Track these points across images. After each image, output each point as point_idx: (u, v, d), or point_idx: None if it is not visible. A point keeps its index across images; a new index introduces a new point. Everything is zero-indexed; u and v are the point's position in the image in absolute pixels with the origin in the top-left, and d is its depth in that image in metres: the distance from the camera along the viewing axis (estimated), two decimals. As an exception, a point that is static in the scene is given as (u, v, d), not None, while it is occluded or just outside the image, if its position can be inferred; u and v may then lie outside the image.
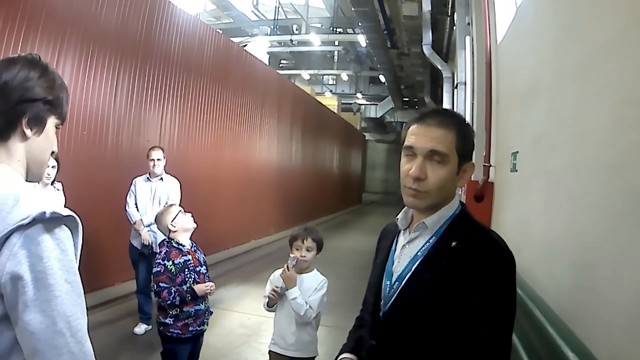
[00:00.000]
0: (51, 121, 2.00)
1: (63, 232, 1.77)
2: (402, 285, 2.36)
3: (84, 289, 1.85)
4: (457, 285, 2.15)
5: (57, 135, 2.12)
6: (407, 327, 2.31)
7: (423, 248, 2.36)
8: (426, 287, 2.26)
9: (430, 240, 2.35)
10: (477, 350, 2.11)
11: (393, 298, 2.39)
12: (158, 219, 5.36)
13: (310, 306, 4.61)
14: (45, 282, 1.67)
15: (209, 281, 5.26)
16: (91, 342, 1.79)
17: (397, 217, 2.54)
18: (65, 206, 5.75)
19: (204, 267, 5.33)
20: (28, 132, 1.91)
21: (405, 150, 2.37)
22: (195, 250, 5.32)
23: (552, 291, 3.89)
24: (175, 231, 5.20)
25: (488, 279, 2.12)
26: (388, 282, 2.45)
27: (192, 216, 5.37)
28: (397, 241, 2.56)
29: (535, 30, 5.52)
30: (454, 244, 2.26)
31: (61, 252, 1.74)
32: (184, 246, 5.18)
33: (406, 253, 2.44)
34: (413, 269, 2.35)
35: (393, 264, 2.48)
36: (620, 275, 2.75)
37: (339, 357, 2.71)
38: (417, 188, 2.29)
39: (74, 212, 1.85)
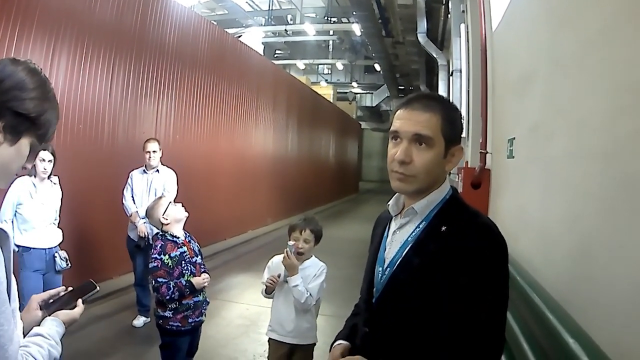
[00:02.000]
0: (27, 139, 1.96)
1: None
2: (392, 271, 2.38)
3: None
4: (447, 269, 2.15)
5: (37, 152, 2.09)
6: (398, 312, 2.33)
7: (413, 233, 2.37)
8: (416, 271, 2.27)
9: (420, 226, 2.36)
10: (472, 334, 2.10)
11: (384, 284, 2.41)
12: (149, 214, 5.34)
13: (310, 293, 4.64)
14: None
15: (204, 271, 5.27)
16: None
17: (388, 203, 2.55)
18: (62, 199, 5.79)
19: (200, 256, 5.33)
20: (0, 137, 1.87)
21: (391, 134, 2.37)
22: (189, 241, 5.31)
23: (551, 277, 3.89)
24: (168, 224, 5.17)
25: (481, 263, 2.12)
26: (380, 269, 2.46)
27: (182, 205, 5.35)
28: (389, 227, 2.56)
29: (530, 17, 5.51)
30: (443, 228, 2.26)
31: None
32: (178, 238, 5.17)
33: (397, 239, 2.45)
34: (403, 254, 2.35)
35: (385, 250, 2.49)
36: (616, 261, 2.75)
37: (334, 344, 2.73)
38: (403, 172, 2.30)
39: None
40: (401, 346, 2.30)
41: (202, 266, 5.28)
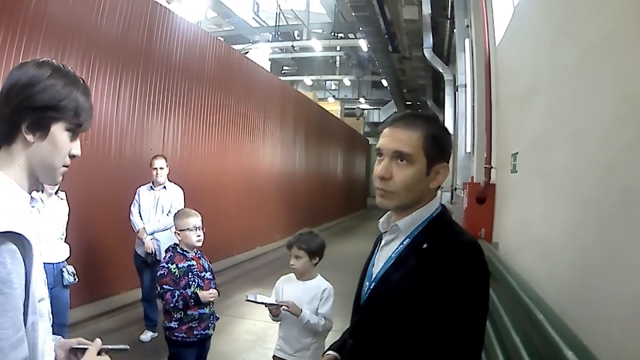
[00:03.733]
0: (59, 127, 1.96)
1: (4, 245, 1.71)
2: (373, 286, 2.44)
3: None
4: (424, 285, 2.17)
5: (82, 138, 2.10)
6: (377, 326, 2.37)
7: (397, 250, 2.40)
8: (394, 287, 2.31)
9: (404, 242, 2.39)
10: (446, 351, 2.13)
11: (365, 298, 2.47)
12: (177, 216, 5.44)
13: (325, 318, 4.65)
14: None
15: (214, 287, 5.28)
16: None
17: (379, 220, 2.59)
18: (69, 215, 5.81)
19: (209, 272, 5.34)
20: (30, 137, 1.90)
21: (377, 152, 2.43)
22: (199, 257, 5.34)
23: (552, 291, 3.90)
24: (179, 239, 5.25)
25: (459, 280, 2.14)
26: (367, 283, 2.52)
27: (203, 234, 5.34)
28: (380, 244, 2.61)
29: (532, 30, 5.55)
30: (425, 245, 2.29)
31: None
32: (188, 252, 5.22)
33: (383, 255, 2.49)
34: (385, 270, 2.40)
35: (373, 265, 2.54)
36: (616, 274, 2.77)
37: (324, 354, 2.83)
38: (383, 188, 2.36)
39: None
40: (381, 359, 2.34)
41: (212, 282, 5.30)
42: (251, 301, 4.63)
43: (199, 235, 5.28)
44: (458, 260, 2.17)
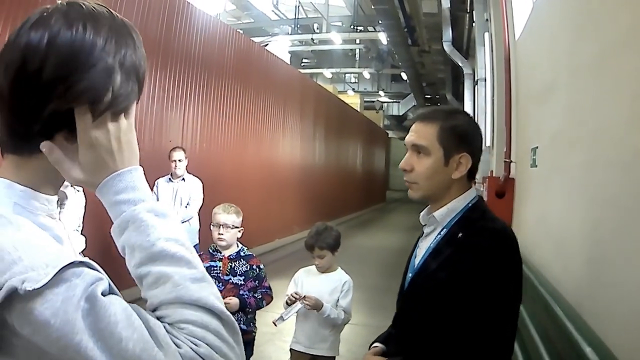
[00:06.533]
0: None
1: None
2: (412, 276, 2.51)
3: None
4: (457, 274, 2.23)
5: None
6: (416, 314, 2.44)
7: (435, 240, 2.46)
8: (431, 276, 2.37)
9: (442, 233, 2.44)
10: (476, 338, 2.17)
11: (406, 289, 2.55)
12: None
13: (344, 311, 4.66)
14: None
15: (241, 295, 4.86)
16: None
17: (420, 213, 2.64)
18: (85, 206, 5.74)
19: (240, 277, 4.93)
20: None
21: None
22: (235, 259, 4.98)
23: (570, 286, 3.89)
24: None
25: (481, 269, 2.20)
26: (410, 275, 2.57)
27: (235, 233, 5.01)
28: (420, 236, 2.68)
29: (551, 26, 5.52)
30: (460, 235, 2.34)
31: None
32: (217, 253, 4.94)
33: (422, 246, 2.56)
34: (424, 260, 2.45)
35: (415, 257, 2.60)
36: (634, 271, 2.76)
37: (370, 346, 2.84)
38: (407, 179, 2.50)
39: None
40: (420, 347, 2.38)
41: (240, 288, 4.91)
42: (282, 320, 4.69)
43: (220, 234, 4.89)
44: (486, 246, 2.25)
